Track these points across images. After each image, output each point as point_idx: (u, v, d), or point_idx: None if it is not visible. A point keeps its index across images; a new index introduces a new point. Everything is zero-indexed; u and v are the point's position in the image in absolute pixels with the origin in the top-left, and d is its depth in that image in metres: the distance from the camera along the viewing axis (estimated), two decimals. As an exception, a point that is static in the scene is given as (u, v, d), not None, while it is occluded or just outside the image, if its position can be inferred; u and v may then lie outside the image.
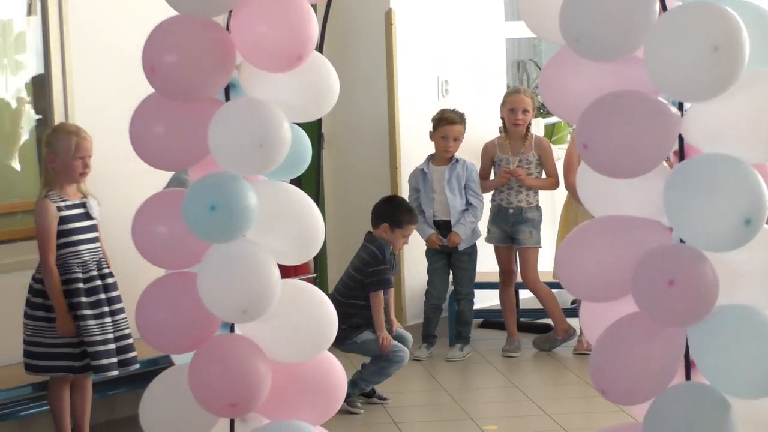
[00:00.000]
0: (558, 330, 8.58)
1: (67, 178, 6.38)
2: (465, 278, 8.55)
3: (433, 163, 8.45)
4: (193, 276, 4.36)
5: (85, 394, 6.57)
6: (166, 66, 4.23)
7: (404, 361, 7.37)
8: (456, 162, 8.43)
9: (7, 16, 7.16)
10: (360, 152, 8.79)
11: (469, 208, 8.40)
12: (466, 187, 8.42)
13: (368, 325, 7.31)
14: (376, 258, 7.43)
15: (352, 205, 7.78)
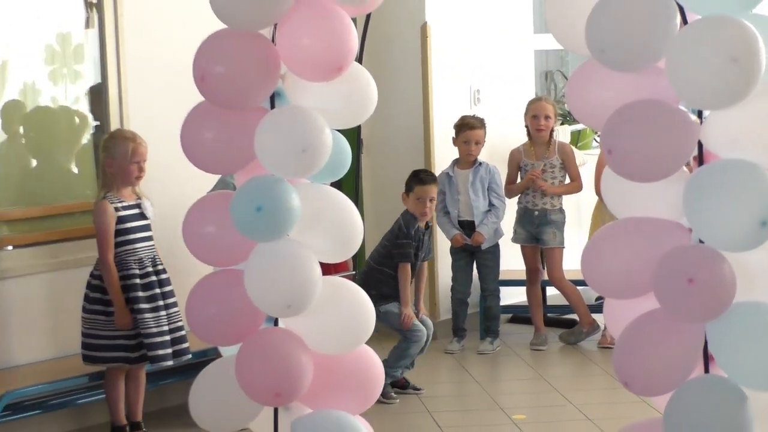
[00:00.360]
0: (583, 323, 8.55)
1: (124, 181, 6.41)
2: (490, 276, 8.53)
3: (458, 166, 8.44)
4: (239, 273, 4.37)
5: (138, 384, 6.60)
6: (216, 76, 4.25)
7: (421, 341, 7.32)
8: (479, 165, 8.42)
9: (67, 29, 7.18)
10: (396, 157, 8.78)
11: (492, 209, 8.39)
12: (489, 189, 8.41)
13: (395, 298, 7.27)
14: (400, 231, 7.44)
15: (389, 207, 7.77)
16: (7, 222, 6.81)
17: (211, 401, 4.54)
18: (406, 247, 7.37)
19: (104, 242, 6.31)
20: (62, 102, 7.25)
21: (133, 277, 6.34)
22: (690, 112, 3.72)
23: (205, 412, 4.56)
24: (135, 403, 6.58)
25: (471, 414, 7.16)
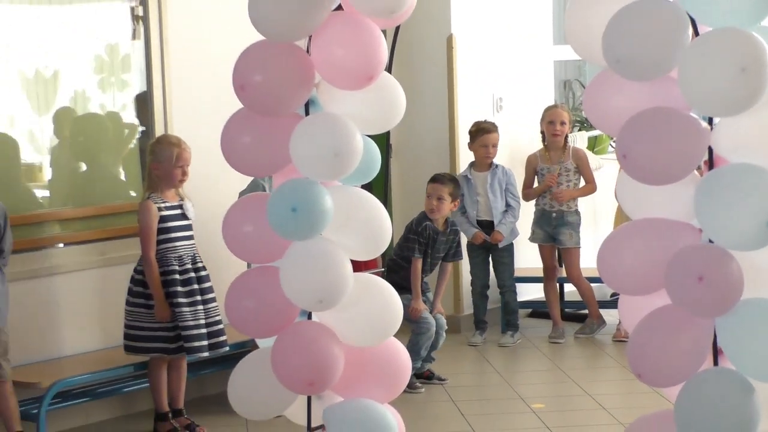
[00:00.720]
0: (594, 317, 8.62)
1: (168, 184, 6.44)
2: (506, 272, 8.54)
3: (475, 169, 8.45)
4: (275, 269, 4.37)
5: (180, 373, 6.62)
6: (254, 84, 4.25)
7: (429, 332, 7.29)
8: (496, 167, 8.44)
9: (115, 40, 7.21)
10: (424, 161, 8.78)
11: (509, 209, 8.42)
12: (506, 190, 8.45)
13: (408, 290, 7.26)
14: (411, 227, 7.49)
15: (417, 208, 7.76)
16: (59, 221, 6.85)
17: (249, 390, 4.55)
18: (411, 242, 7.41)
19: (147, 240, 6.34)
20: (110, 109, 7.28)
21: (173, 273, 6.37)
22: (701, 119, 3.71)
23: (243, 400, 4.57)
24: (177, 391, 6.61)
25: (492, 403, 7.16)
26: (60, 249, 6.81)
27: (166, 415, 6.54)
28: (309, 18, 4.24)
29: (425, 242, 7.41)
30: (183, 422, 6.55)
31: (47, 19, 7.12)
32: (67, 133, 7.14)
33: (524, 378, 7.74)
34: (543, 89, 9.53)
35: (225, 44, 5.72)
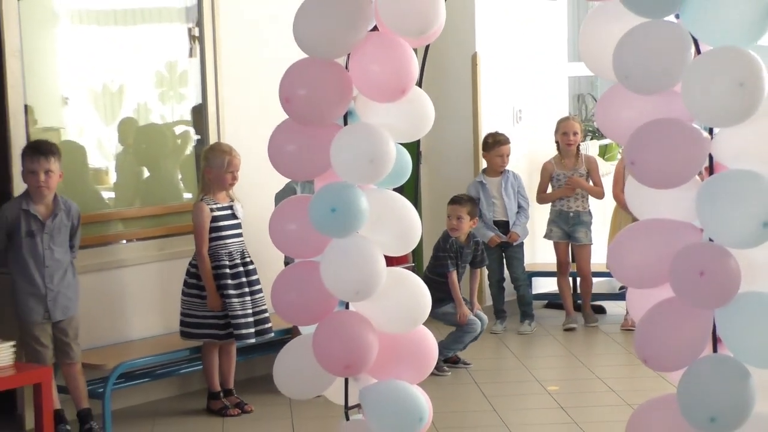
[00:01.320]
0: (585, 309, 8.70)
1: (219, 187, 6.47)
2: (519, 267, 8.55)
3: (487, 175, 8.48)
4: (316, 264, 4.37)
5: (230, 357, 6.65)
6: (298, 97, 4.25)
7: (476, 332, 7.38)
8: (507, 173, 8.48)
9: (174, 58, 7.24)
10: (450, 166, 8.79)
11: (521, 210, 8.48)
12: (518, 193, 8.48)
13: (449, 300, 7.30)
14: (439, 246, 7.52)
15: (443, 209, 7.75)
16: (122, 220, 6.89)
17: (292, 372, 4.56)
18: (443, 260, 7.44)
19: (200, 237, 6.37)
20: (169, 119, 7.31)
21: (223, 267, 6.40)
22: (702, 129, 3.69)
23: (287, 381, 4.57)
24: (228, 373, 6.63)
25: (511, 385, 7.15)
26: (124, 245, 6.85)
27: (218, 394, 6.56)
28: (348, 38, 4.24)
29: (454, 256, 7.44)
30: (233, 401, 6.57)
31: (114, 40, 7.17)
32: (131, 140, 7.18)
33: (540, 363, 7.72)
34: (558, 102, 9.52)
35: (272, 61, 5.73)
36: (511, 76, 8.99)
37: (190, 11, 7.16)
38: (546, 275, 8.98)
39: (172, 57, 7.25)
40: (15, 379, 5.44)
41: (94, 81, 7.04)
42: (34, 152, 5.85)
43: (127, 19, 7.22)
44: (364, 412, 4.54)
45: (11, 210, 5.87)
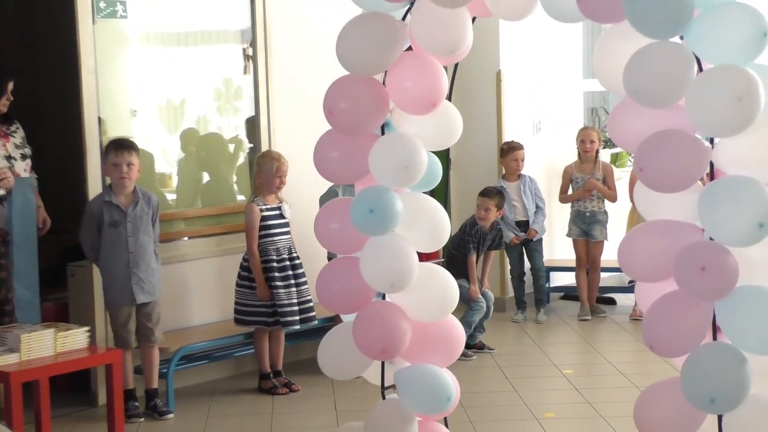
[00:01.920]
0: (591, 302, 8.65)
1: (269, 190, 6.50)
2: (539, 259, 8.56)
3: (505, 180, 8.48)
4: (356, 259, 4.38)
5: (279, 342, 6.67)
6: (340, 110, 4.26)
7: (482, 311, 7.38)
8: (524, 177, 8.50)
9: (230, 75, 7.28)
10: (476, 172, 8.77)
11: (538, 210, 8.49)
12: (535, 195, 8.49)
13: (463, 276, 7.27)
14: (465, 231, 7.53)
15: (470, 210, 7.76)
16: (184, 219, 6.93)
17: (335, 355, 4.56)
18: (467, 243, 7.46)
19: (251, 235, 6.41)
20: (225, 130, 7.35)
21: (271, 262, 6.44)
22: (704, 139, 3.67)
23: (330, 363, 4.58)
24: (276, 356, 6.66)
25: (531, 368, 7.13)
26: (185, 242, 6.90)
27: (268, 375, 6.59)
28: (385, 57, 4.24)
29: (477, 241, 7.46)
30: (281, 381, 6.59)
31: (177, 59, 7.21)
32: (192, 148, 7.22)
33: (556, 349, 7.70)
34: (574, 114, 9.50)
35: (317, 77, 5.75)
36: (531, 91, 8.98)
37: (245, 33, 7.19)
38: (563, 270, 8.98)
39: (228, 74, 7.28)
40: (89, 360, 5.48)
41: (160, 96, 7.08)
42: (118, 147, 5.94)
43: (189, 41, 7.26)
44: (399, 391, 4.55)
45: (95, 204, 5.96)
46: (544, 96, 9.08)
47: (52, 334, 5.24)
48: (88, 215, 5.96)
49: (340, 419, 5.97)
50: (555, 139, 9.08)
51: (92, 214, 5.94)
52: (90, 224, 5.95)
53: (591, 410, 6.09)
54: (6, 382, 4.97)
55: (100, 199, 5.97)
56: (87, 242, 6.00)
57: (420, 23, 4.22)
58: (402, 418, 4.53)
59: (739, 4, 3.62)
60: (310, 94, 6.21)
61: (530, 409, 6.12)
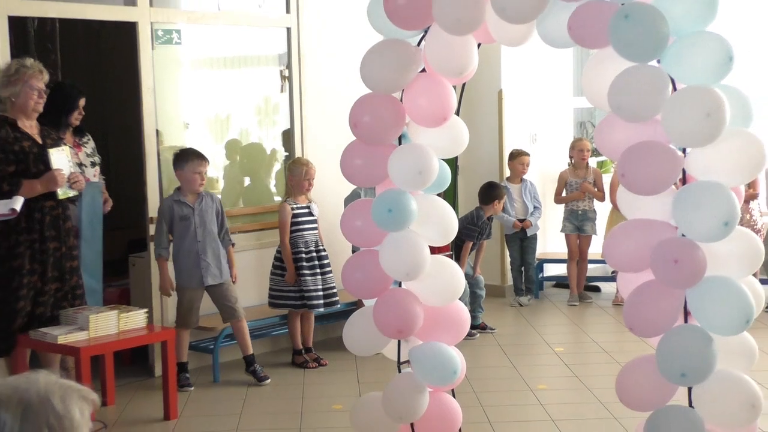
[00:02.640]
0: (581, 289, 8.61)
1: (299, 192, 6.52)
2: (532, 254, 8.56)
3: (509, 181, 8.48)
4: (376, 252, 4.39)
5: (309, 323, 6.69)
6: (364, 123, 4.27)
7: (466, 295, 7.29)
8: (525, 181, 8.51)
9: (268, 93, 7.32)
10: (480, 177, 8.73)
11: (535, 209, 8.51)
12: (533, 197, 8.51)
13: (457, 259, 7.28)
14: (473, 220, 7.52)
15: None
16: (229, 217, 6.95)
17: (358, 335, 4.58)
18: (472, 231, 7.48)
19: (283, 231, 6.44)
20: (265, 140, 7.38)
21: (300, 253, 6.47)
22: (677, 149, 3.66)
23: (353, 341, 4.59)
24: (307, 335, 6.68)
25: (526, 346, 7.13)
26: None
27: (300, 351, 6.61)
28: (402, 77, 4.25)
29: (480, 231, 7.47)
30: (312, 356, 6.61)
31: (223, 79, 7.24)
32: (236, 156, 7.25)
33: (549, 330, 7.70)
34: (565, 127, 9.48)
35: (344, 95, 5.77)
36: (528, 107, 8.97)
37: (281, 57, 7.21)
38: (555, 262, 8.96)
39: (267, 92, 7.31)
40: (147, 338, 5.52)
41: (208, 111, 7.11)
42: (201, 158, 6.07)
43: (234, 64, 7.29)
44: (412, 366, 4.55)
45: (166, 204, 6.02)
46: (539, 111, 9.07)
47: (115, 315, 5.27)
48: (160, 215, 6.00)
49: (362, 389, 5.98)
50: (548, 149, 9.06)
51: (163, 213, 5.98)
52: (161, 223, 5.99)
53: (578, 383, 6.08)
54: (77, 355, 5.01)
55: (170, 200, 6.04)
56: (157, 240, 6.03)
57: (432, 48, 4.23)
58: (415, 388, 4.54)
59: (708, 33, 3.61)
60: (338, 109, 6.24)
61: (526, 382, 6.11)
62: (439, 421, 4.67)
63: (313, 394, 5.96)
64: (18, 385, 2.05)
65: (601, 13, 3.63)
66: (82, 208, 5.66)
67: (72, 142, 5.84)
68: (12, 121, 5.24)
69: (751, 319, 3.60)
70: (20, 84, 5.21)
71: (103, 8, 6.20)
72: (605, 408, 5.47)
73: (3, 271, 5.23)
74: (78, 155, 5.85)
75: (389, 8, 4.17)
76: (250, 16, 7.02)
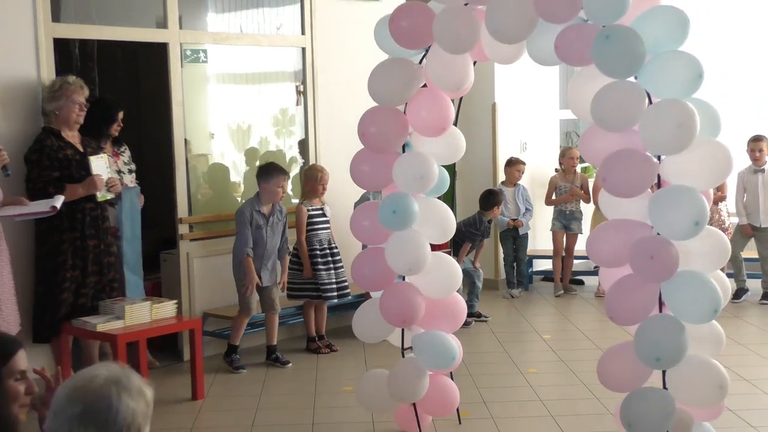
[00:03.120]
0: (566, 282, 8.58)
1: (314, 195, 6.52)
2: (523, 251, 8.53)
3: (505, 185, 8.47)
4: (382, 249, 4.40)
5: (322, 313, 6.68)
6: (371, 133, 4.29)
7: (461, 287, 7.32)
8: (519, 186, 8.49)
9: (285, 106, 7.31)
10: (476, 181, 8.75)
11: (527, 211, 8.48)
12: (525, 200, 8.48)
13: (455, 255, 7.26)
14: (475, 223, 7.47)
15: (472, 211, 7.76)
16: (250, 217, 6.95)
17: (365, 323, 4.59)
18: (472, 234, 7.44)
19: (299, 230, 6.44)
20: (282, 149, 7.37)
21: (315, 250, 6.47)
22: (653, 157, 3.67)
23: (362, 329, 4.61)
24: (321, 323, 6.67)
25: (517, 334, 7.12)
26: (251, 234, 6.92)
27: (314, 338, 6.61)
28: (406, 93, 4.27)
29: (481, 234, 7.47)
30: (324, 343, 6.61)
31: (244, 94, 7.25)
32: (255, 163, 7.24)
33: (538, 319, 7.68)
34: (552, 137, 9.47)
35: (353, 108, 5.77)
36: (519, 119, 8.95)
37: (297, 74, 7.22)
38: (544, 258, 8.93)
39: (284, 105, 7.31)
40: (176, 326, 5.52)
41: (231, 122, 7.12)
42: (284, 173, 6.20)
43: (254, 80, 7.30)
44: (415, 351, 4.56)
45: (248, 209, 6.03)
46: (528, 122, 9.05)
47: (148, 305, 5.28)
48: (243, 218, 5.99)
49: (369, 372, 6.00)
50: (537, 156, 9.04)
51: (245, 217, 6.00)
52: (245, 226, 5.99)
53: (564, 366, 6.08)
54: (114, 342, 5.02)
55: (250, 207, 6.05)
56: (243, 241, 6.01)
57: (433, 66, 4.24)
58: (417, 372, 4.55)
59: (680, 52, 3.63)
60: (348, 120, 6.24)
61: (517, 366, 6.11)
62: (439, 401, 4.69)
63: (325, 377, 5.96)
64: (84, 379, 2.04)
65: (585, 35, 3.65)
66: (122, 210, 5.68)
67: (111, 151, 5.86)
68: (56, 131, 5.27)
69: (719, 309, 3.61)
70: (63, 98, 5.24)
71: (138, 31, 6.22)
72: (588, 389, 5.47)
73: (48, 267, 5.26)
74: (117, 163, 5.87)
75: (394, 30, 4.19)
76: (269, 37, 7.03)
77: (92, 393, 2.00)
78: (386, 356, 6.14)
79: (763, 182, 7.85)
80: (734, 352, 6.23)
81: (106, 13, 6.41)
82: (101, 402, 1.99)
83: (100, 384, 2.01)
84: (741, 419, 4.87)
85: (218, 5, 7.18)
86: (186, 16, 6.51)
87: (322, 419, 5.05)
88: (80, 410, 1.98)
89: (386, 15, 4.27)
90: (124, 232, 5.69)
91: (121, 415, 1.99)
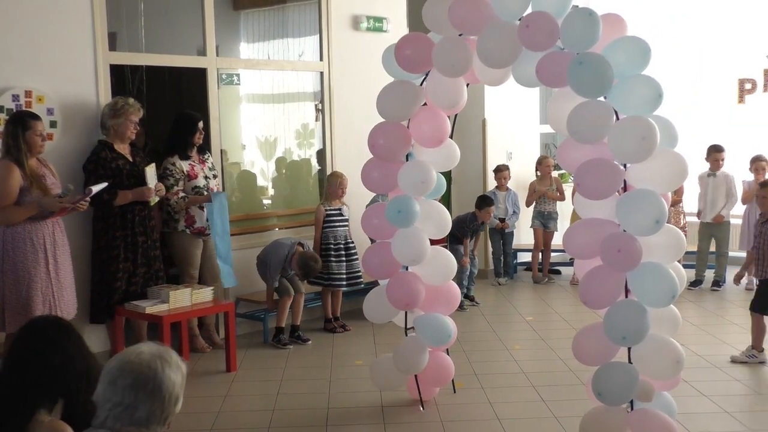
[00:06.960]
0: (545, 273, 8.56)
1: (334, 197, 6.51)
2: (509, 245, 8.52)
3: (498, 189, 8.45)
4: (388, 243, 4.40)
5: (338, 298, 6.68)
6: (379, 145, 4.29)
7: (467, 272, 7.35)
8: (510, 191, 8.46)
9: (306, 121, 7.31)
10: (469, 185, 8.75)
11: (514, 213, 8.45)
12: (514, 203, 8.45)
13: (460, 242, 7.31)
14: (466, 222, 7.41)
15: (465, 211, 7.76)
16: (276, 216, 6.96)
17: (374, 306, 4.60)
18: (465, 231, 7.40)
19: (317, 228, 6.43)
20: (304, 158, 7.38)
21: (330, 244, 6.45)
22: (620, 165, 3.66)
23: (371, 311, 4.62)
24: (336, 307, 6.67)
25: (504, 316, 7.11)
26: (276, 231, 6.91)
27: (330, 320, 6.61)
28: (408, 110, 4.27)
29: (472, 232, 7.45)
30: (339, 324, 6.61)
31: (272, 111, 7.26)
32: (282, 170, 7.26)
33: (521, 303, 7.67)
34: (533, 148, 9.45)
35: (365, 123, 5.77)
36: (505, 132, 8.94)
37: (316, 94, 7.23)
38: (526, 251, 8.91)
39: (305, 121, 7.32)
40: (213, 309, 5.53)
41: (260, 135, 7.13)
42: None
43: (280, 99, 7.31)
44: (416, 331, 4.57)
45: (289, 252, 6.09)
46: (513, 135, 9.04)
47: (189, 291, 5.30)
48: (276, 262, 6.02)
49: (377, 349, 5.99)
50: (521, 164, 9.03)
51: (279, 262, 6.02)
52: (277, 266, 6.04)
53: (544, 344, 6.07)
54: (160, 322, 5.04)
55: (291, 247, 6.11)
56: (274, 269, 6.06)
57: (432, 87, 4.25)
58: (418, 348, 4.56)
59: (643, 76, 3.63)
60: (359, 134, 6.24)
61: (504, 343, 6.11)
62: (437, 373, 4.69)
63: (340, 353, 5.97)
64: (132, 354, 2.06)
65: (561, 61, 3.65)
66: (213, 211, 5.65)
67: (198, 159, 5.83)
68: (110, 144, 5.29)
69: (676, 294, 3.61)
70: (123, 117, 5.26)
71: (181, 58, 6.25)
72: (564, 363, 5.47)
73: (104, 259, 5.28)
74: (204, 169, 5.84)
75: (399, 57, 4.20)
76: (292, 63, 7.05)
77: (140, 366, 2.02)
78: (392, 335, 6.16)
79: (714, 184, 7.91)
80: (689, 332, 6.23)
81: (154, 43, 6.44)
82: (149, 373, 2.01)
83: (147, 358, 2.04)
84: (694, 389, 4.87)
85: (249, 36, 7.21)
86: (222, 46, 6.53)
87: (337, 389, 5.06)
88: (131, 381, 2.00)
89: (392, 44, 4.28)
90: (215, 229, 5.68)
91: (165, 385, 2.02)
